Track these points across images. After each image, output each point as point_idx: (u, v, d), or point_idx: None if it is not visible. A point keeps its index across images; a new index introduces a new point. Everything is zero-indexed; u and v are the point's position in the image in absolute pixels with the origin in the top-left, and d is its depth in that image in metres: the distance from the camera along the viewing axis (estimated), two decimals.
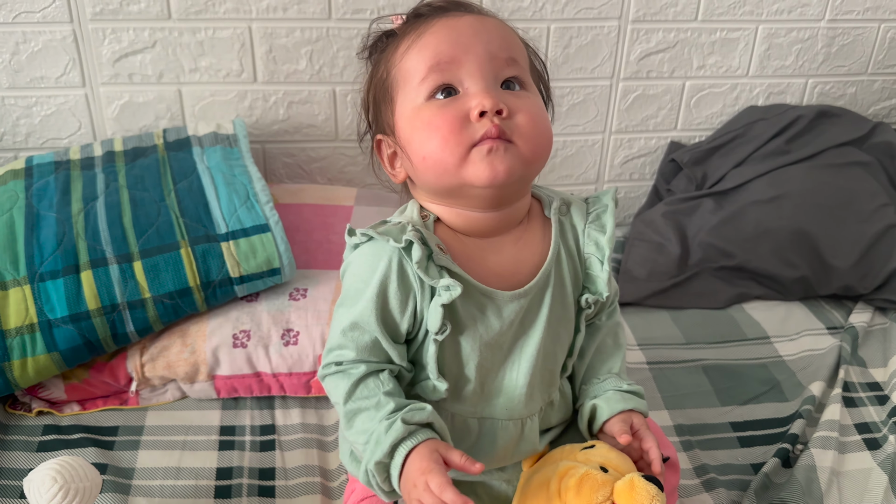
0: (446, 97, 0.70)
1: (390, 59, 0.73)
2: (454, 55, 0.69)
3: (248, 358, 1.10)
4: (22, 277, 1.05)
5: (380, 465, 0.67)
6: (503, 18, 0.76)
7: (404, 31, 0.74)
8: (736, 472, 1.02)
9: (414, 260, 0.69)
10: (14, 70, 1.34)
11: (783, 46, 1.53)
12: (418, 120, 0.70)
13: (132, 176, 1.20)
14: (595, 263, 0.78)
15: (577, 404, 0.83)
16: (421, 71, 0.70)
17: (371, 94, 0.77)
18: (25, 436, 1.05)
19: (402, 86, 0.72)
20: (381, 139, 0.76)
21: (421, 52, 0.70)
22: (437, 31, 0.71)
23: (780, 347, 1.27)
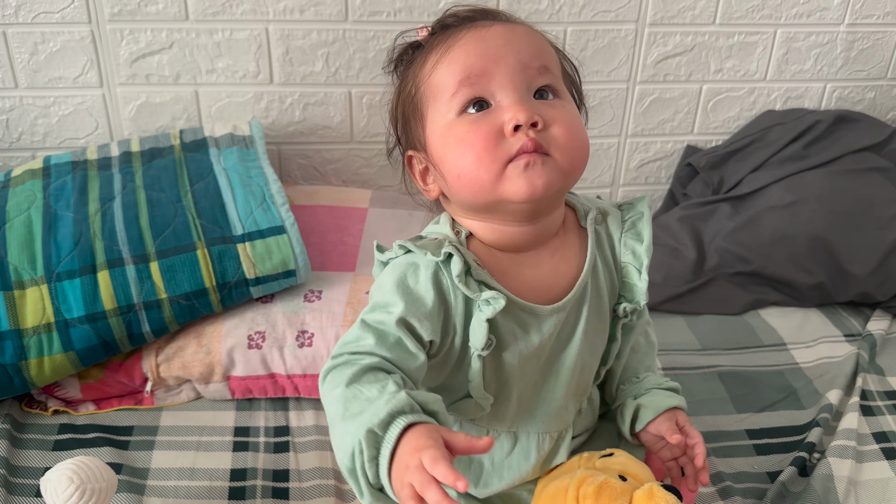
0: (478, 111, 0.67)
1: (419, 74, 0.72)
2: (485, 68, 0.67)
3: (263, 359, 1.10)
4: (39, 277, 1.06)
5: (370, 437, 0.58)
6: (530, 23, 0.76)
7: (431, 43, 0.72)
8: (752, 480, 1.02)
9: (454, 273, 0.67)
10: (33, 70, 1.35)
11: (802, 51, 1.52)
12: (451, 136, 0.68)
13: (149, 176, 1.21)
14: (632, 272, 0.77)
15: (616, 404, 0.83)
16: (451, 86, 0.68)
17: (399, 110, 0.75)
18: (41, 434, 1.05)
19: (433, 101, 0.70)
20: (413, 155, 0.74)
21: (450, 66, 0.68)
22: (466, 44, 0.68)
23: (797, 354, 1.26)
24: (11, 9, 1.29)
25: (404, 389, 0.60)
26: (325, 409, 0.65)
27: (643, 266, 0.76)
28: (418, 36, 0.74)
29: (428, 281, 0.68)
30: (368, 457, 0.57)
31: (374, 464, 0.57)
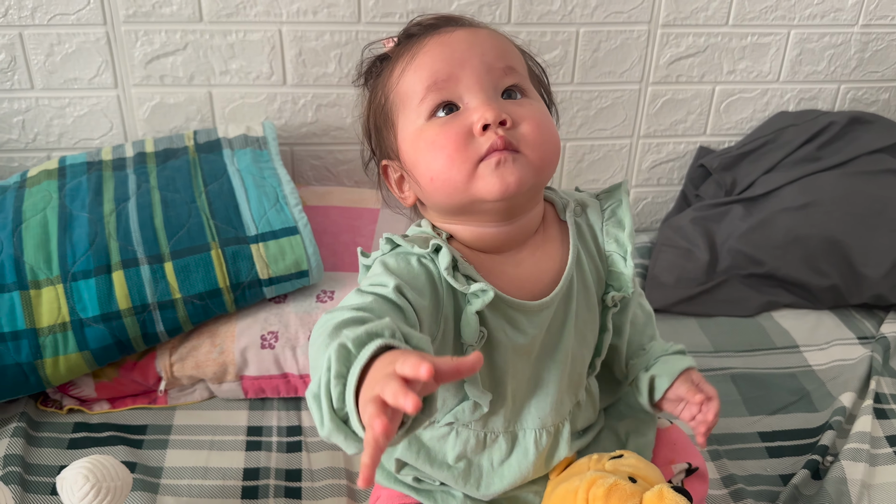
0: (447, 114, 0.68)
1: (387, 84, 0.72)
2: (451, 72, 0.68)
3: (276, 359, 1.11)
4: (55, 277, 1.07)
5: (341, 352, 0.52)
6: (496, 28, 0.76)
7: (398, 53, 0.73)
8: (764, 482, 1.01)
9: (442, 266, 0.68)
10: (48, 71, 1.36)
11: (815, 51, 1.52)
12: (421, 141, 0.68)
13: (163, 177, 1.22)
14: (618, 260, 0.78)
15: (629, 381, 0.83)
16: (419, 92, 0.69)
17: (371, 121, 0.76)
18: (57, 433, 1.06)
19: (402, 108, 0.71)
20: (387, 164, 0.75)
21: (417, 73, 0.69)
22: (431, 50, 0.69)
23: (810, 357, 1.25)
24: (28, 10, 1.30)
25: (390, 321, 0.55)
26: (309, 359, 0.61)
27: (627, 253, 0.77)
28: (385, 47, 0.75)
29: (419, 266, 0.68)
30: (335, 373, 0.51)
31: (340, 381, 0.51)
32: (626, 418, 0.87)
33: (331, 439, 0.53)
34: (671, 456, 0.85)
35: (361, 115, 0.78)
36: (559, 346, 0.75)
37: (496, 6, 1.39)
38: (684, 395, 0.78)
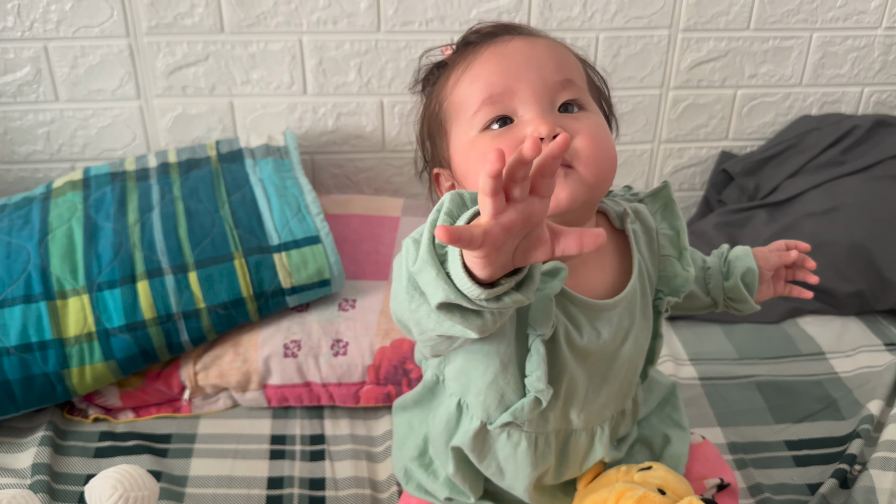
0: (501, 127, 0.67)
1: (441, 92, 0.72)
2: (507, 85, 0.67)
3: (299, 368, 1.11)
4: (81, 287, 1.08)
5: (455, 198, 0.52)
6: (557, 37, 0.74)
7: (454, 61, 0.72)
8: (791, 492, 1.00)
9: None
10: (72, 83, 1.37)
11: (838, 55, 1.50)
12: (473, 152, 0.68)
13: (187, 187, 1.23)
14: (673, 263, 0.77)
15: (722, 303, 0.86)
16: (473, 104, 0.68)
17: (425, 128, 0.75)
18: (83, 441, 1.07)
19: (455, 119, 0.70)
20: (439, 173, 0.75)
21: (472, 85, 0.68)
22: (487, 61, 0.69)
23: (836, 364, 1.24)
24: (53, 24, 1.32)
25: None
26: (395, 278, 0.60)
27: (683, 253, 0.76)
28: (442, 54, 0.75)
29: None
30: (446, 210, 0.51)
31: (448, 219, 0.50)
32: (660, 432, 0.86)
33: (419, 275, 0.51)
34: (703, 471, 0.84)
35: (417, 122, 0.77)
36: (618, 354, 0.74)
37: (516, 13, 1.39)
38: (777, 264, 0.84)
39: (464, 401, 0.74)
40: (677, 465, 0.82)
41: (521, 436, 0.74)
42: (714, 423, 1.11)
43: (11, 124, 1.40)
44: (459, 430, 0.75)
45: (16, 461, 1.03)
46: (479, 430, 0.73)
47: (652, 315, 0.78)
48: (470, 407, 0.74)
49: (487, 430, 0.74)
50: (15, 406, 1.06)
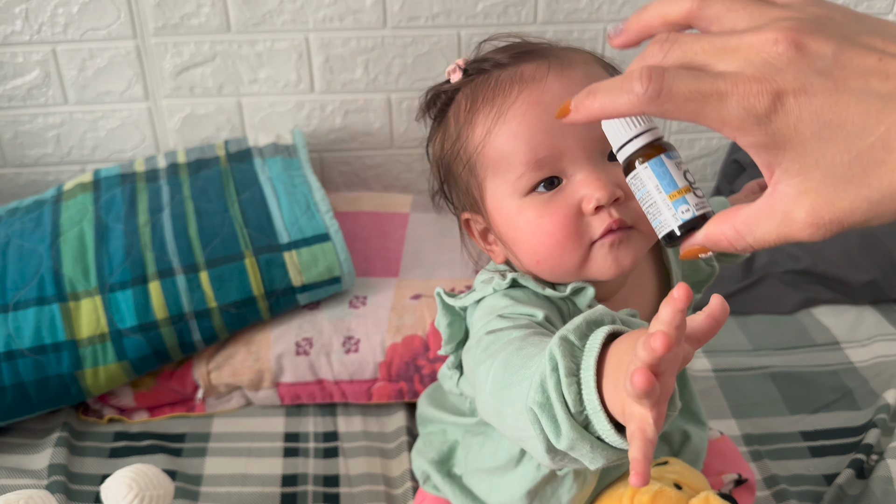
0: (548, 189, 0.61)
1: (469, 138, 0.64)
2: (552, 146, 0.60)
3: (311, 365, 1.11)
4: (93, 288, 1.09)
5: (564, 346, 0.45)
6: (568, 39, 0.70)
7: (474, 93, 0.64)
8: (808, 483, 0.99)
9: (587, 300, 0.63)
10: (81, 86, 1.38)
11: None
12: (522, 221, 0.62)
13: (196, 187, 1.23)
14: (700, 266, 0.76)
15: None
16: (516, 166, 0.61)
17: (444, 164, 0.68)
18: (98, 442, 1.08)
19: (493, 174, 0.63)
20: (469, 218, 0.68)
21: (512, 143, 0.61)
22: (525, 115, 0.60)
23: (851, 354, 1.23)
24: (60, 27, 1.33)
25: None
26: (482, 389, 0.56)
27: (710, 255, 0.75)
28: (449, 78, 0.67)
29: (546, 301, 0.63)
30: (566, 371, 0.44)
31: (573, 380, 0.44)
32: (678, 428, 0.85)
33: (573, 451, 0.45)
34: (721, 467, 0.84)
35: (428, 146, 0.70)
36: None
37: (522, 6, 1.39)
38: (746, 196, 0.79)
39: None
40: (695, 460, 0.81)
41: (587, 470, 0.71)
42: (729, 415, 1.11)
43: (21, 128, 1.41)
44: (519, 471, 0.71)
45: (32, 462, 1.03)
46: (548, 474, 0.70)
47: None
48: None
49: (556, 475, 0.71)
50: (30, 407, 1.06)
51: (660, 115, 0.39)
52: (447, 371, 0.77)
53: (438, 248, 1.28)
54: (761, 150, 0.39)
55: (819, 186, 0.38)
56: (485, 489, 0.76)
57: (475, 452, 0.76)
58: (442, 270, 1.23)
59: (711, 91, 0.37)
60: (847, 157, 0.37)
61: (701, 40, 0.40)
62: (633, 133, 0.44)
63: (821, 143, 0.37)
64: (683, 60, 0.40)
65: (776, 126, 0.37)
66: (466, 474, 0.79)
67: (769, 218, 0.40)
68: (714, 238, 0.43)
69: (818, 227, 0.39)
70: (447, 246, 1.28)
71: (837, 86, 0.37)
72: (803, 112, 0.37)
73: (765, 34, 0.38)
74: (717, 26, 0.41)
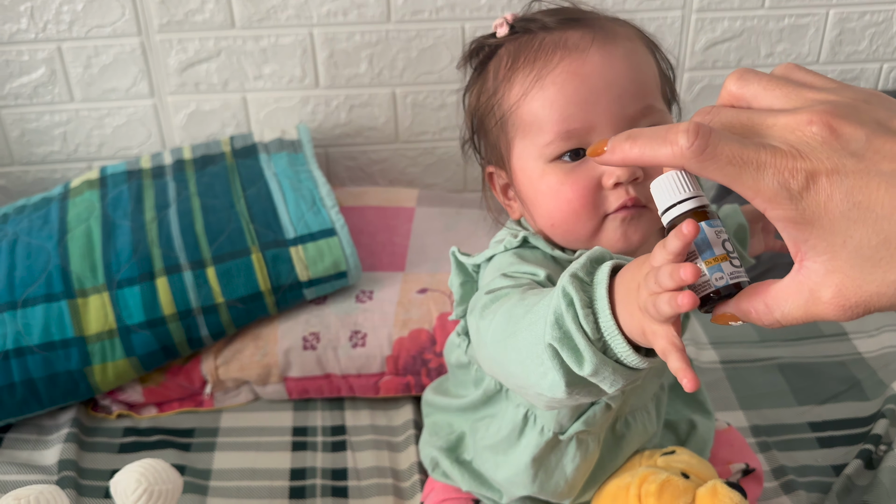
0: (573, 160, 0.64)
1: (505, 96, 0.66)
2: (585, 119, 0.62)
3: (318, 360, 1.12)
4: (101, 285, 1.09)
5: (575, 283, 0.48)
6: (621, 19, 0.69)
7: (516, 53, 0.65)
8: (816, 473, 0.99)
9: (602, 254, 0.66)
10: (87, 83, 1.38)
11: (856, 31, 1.48)
12: (544, 185, 0.65)
13: (202, 184, 1.23)
14: None
15: None
16: (546, 133, 0.63)
17: (478, 116, 0.70)
18: (107, 437, 1.09)
19: (522, 135, 0.66)
20: (493, 172, 0.71)
21: (546, 110, 0.63)
22: (563, 84, 0.63)
23: (859, 344, 1.22)
24: (65, 24, 1.33)
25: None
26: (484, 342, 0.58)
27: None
28: (496, 31, 0.69)
29: (552, 262, 0.66)
30: (581, 304, 0.47)
31: (589, 311, 0.47)
32: (685, 417, 0.85)
33: (596, 376, 0.48)
34: (728, 457, 0.84)
35: (465, 94, 0.72)
36: None
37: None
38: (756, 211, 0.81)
39: (532, 412, 0.72)
40: (702, 450, 0.81)
41: (590, 438, 0.72)
42: (736, 407, 1.10)
43: (28, 126, 1.41)
44: (524, 441, 0.73)
45: (42, 458, 1.04)
46: (551, 440, 0.71)
47: None
48: (539, 418, 0.71)
49: (559, 440, 0.72)
50: (40, 404, 1.07)
51: (697, 171, 0.40)
52: (455, 339, 0.79)
53: (444, 242, 1.28)
54: (790, 224, 0.40)
55: (846, 266, 0.39)
56: (491, 467, 0.77)
57: (482, 433, 0.78)
58: (448, 264, 1.22)
59: (753, 159, 0.38)
60: (875, 239, 0.37)
61: (741, 114, 0.41)
62: (681, 196, 0.45)
63: (849, 223, 0.38)
64: (727, 127, 0.41)
65: (807, 203, 0.38)
66: (476, 458, 0.79)
67: (797, 294, 0.41)
68: (744, 310, 0.44)
69: (845, 309, 0.39)
70: (453, 240, 1.28)
71: (869, 168, 0.38)
72: (834, 192, 0.37)
73: (800, 115, 0.39)
74: (756, 105, 0.42)
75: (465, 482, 0.80)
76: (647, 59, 0.68)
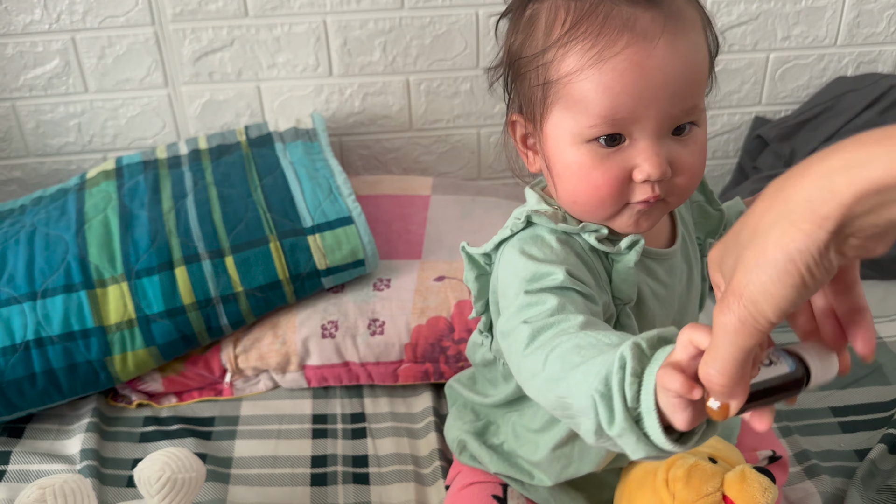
0: (609, 145, 0.63)
1: (555, 60, 0.63)
2: (634, 110, 0.61)
3: (337, 348, 1.12)
4: (119, 275, 1.09)
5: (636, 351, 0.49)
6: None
7: (577, 14, 0.62)
8: (839, 458, 0.99)
9: (592, 240, 0.66)
10: (101, 74, 1.38)
11: (874, 13, 1.46)
12: (575, 163, 0.64)
13: (219, 173, 1.23)
14: (703, 207, 0.79)
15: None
16: (591, 114, 0.62)
17: (517, 65, 0.67)
18: (128, 427, 1.09)
19: (564, 107, 0.64)
20: (516, 120, 0.69)
21: (599, 93, 0.61)
22: (623, 75, 0.60)
23: (880, 329, 1.21)
24: (79, 15, 1.33)
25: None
26: (531, 373, 0.58)
27: (710, 193, 0.78)
28: None
29: (559, 244, 0.66)
30: (632, 370, 0.48)
31: (636, 380, 0.48)
32: None
33: (620, 438, 0.49)
34: (755, 443, 0.84)
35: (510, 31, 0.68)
36: (689, 297, 0.76)
37: None
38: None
39: None
40: (729, 435, 0.81)
41: None
42: None
43: (43, 117, 1.41)
44: (558, 427, 0.74)
45: (64, 448, 1.05)
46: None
47: (700, 260, 0.80)
48: None
49: None
50: (60, 394, 1.08)
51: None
52: (478, 338, 0.78)
53: (460, 229, 1.27)
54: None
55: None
56: (531, 449, 0.78)
57: (516, 419, 0.78)
58: None
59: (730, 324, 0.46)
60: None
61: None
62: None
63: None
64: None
65: None
66: (507, 441, 0.79)
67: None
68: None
69: None
70: (469, 227, 1.28)
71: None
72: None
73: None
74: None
75: (494, 464, 0.80)
76: (704, 51, 0.65)
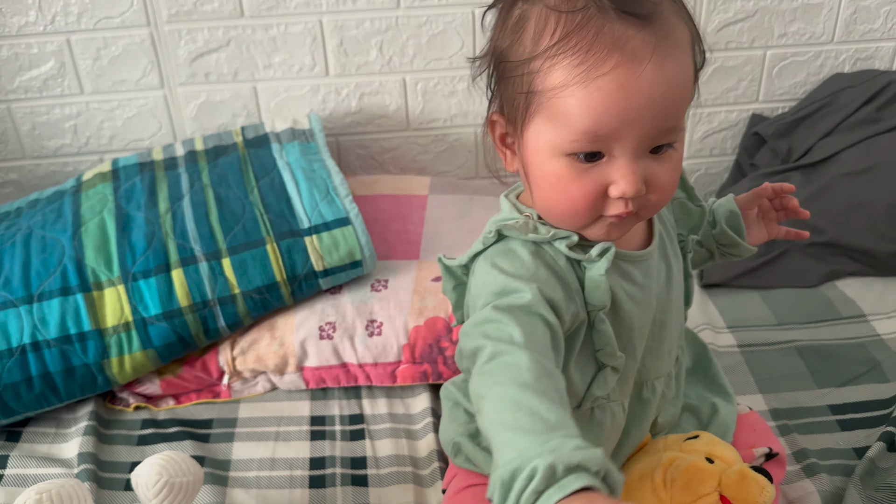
0: (587, 161, 0.63)
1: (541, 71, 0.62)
2: (614, 129, 0.61)
3: (335, 349, 1.12)
4: (116, 277, 1.09)
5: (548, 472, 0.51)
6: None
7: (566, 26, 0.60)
8: (838, 456, 0.99)
9: (563, 248, 0.67)
10: (96, 75, 1.38)
11: (871, 9, 1.46)
12: (553, 175, 0.64)
13: (215, 174, 1.23)
14: (684, 204, 0.80)
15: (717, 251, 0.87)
16: (574, 129, 0.61)
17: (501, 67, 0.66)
18: (126, 430, 1.09)
19: (546, 118, 0.63)
20: (496, 120, 0.69)
21: (581, 111, 0.61)
22: (609, 95, 0.60)
23: (878, 326, 1.21)
24: (74, 16, 1.32)
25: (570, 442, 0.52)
26: (476, 393, 0.59)
27: (691, 189, 0.80)
28: None
29: (531, 257, 0.67)
30: (534, 488, 0.50)
31: (535, 496, 0.50)
32: (707, 401, 0.85)
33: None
34: (751, 441, 0.84)
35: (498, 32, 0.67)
36: (669, 297, 0.77)
37: None
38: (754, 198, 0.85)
39: None
40: (725, 433, 0.81)
41: (614, 405, 0.74)
42: (755, 390, 1.10)
43: (39, 119, 1.41)
44: None
45: (62, 451, 1.05)
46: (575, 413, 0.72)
47: (681, 257, 0.81)
48: None
49: (577, 413, 0.73)
50: (58, 397, 1.07)
51: None
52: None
53: (458, 229, 1.27)
54: None
55: None
56: None
57: None
58: (462, 251, 1.22)
59: None
60: None
61: None
62: None
63: None
64: None
65: None
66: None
67: None
68: None
69: None
70: (466, 227, 1.27)
71: None
72: None
73: None
74: None
75: (490, 466, 0.79)
76: (690, 70, 0.64)
